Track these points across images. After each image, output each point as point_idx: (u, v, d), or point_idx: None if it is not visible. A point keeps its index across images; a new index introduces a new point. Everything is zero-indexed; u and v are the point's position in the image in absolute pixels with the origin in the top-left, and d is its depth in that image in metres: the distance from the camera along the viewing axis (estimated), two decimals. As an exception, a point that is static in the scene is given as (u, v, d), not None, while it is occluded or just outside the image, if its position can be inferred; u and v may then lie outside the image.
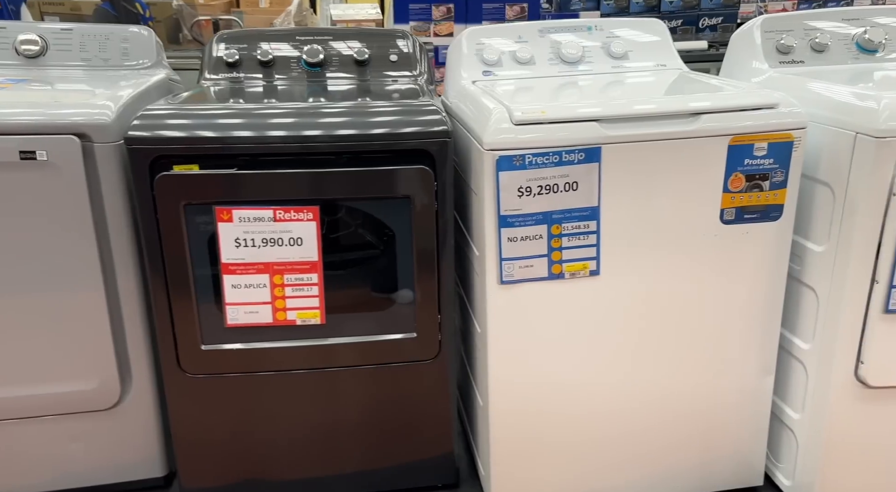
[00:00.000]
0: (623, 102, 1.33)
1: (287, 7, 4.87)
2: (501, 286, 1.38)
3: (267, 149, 1.32)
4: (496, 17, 3.90)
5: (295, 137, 1.32)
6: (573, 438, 1.51)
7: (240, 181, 1.35)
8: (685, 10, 4.47)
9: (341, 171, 1.37)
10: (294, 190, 1.37)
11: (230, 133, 1.31)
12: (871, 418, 1.40)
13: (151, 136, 1.31)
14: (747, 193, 1.36)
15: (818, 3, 4.57)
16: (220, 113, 1.36)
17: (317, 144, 1.33)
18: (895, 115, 1.21)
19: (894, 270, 1.27)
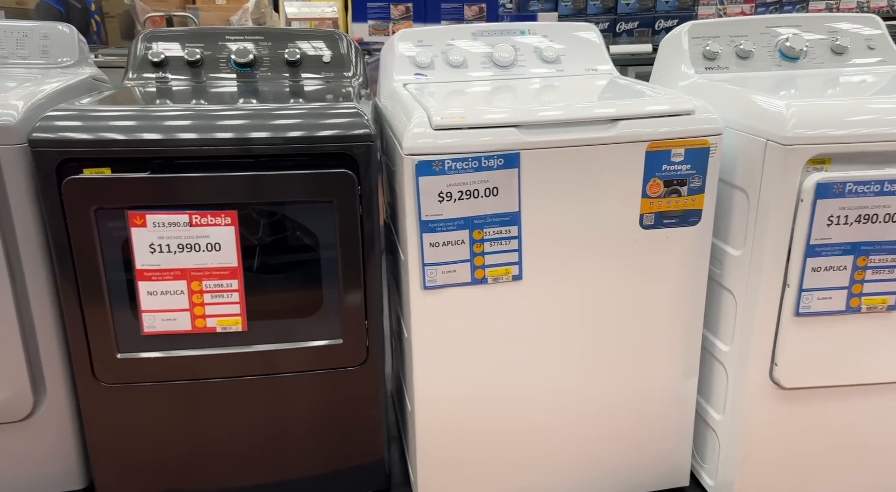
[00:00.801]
0: (542, 109, 1.33)
1: (244, 4, 4.78)
2: (425, 291, 1.37)
3: (177, 152, 1.29)
4: (455, 16, 3.90)
5: (206, 139, 1.29)
6: (500, 442, 1.51)
7: (153, 185, 1.32)
8: (641, 13, 4.53)
9: (259, 174, 1.34)
10: (211, 194, 1.34)
11: (138, 135, 1.27)
12: (787, 418, 1.44)
13: (56, 138, 1.26)
14: (665, 198, 1.38)
15: (775, 6, 4.70)
16: (129, 114, 1.32)
17: (228, 147, 1.30)
18: (802, 123, 1.24)
19: (803, 274, 1.30)
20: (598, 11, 4.63)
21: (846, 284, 1.31)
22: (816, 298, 1.32)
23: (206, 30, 1.87)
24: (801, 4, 4.62)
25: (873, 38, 1.75)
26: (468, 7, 3.94)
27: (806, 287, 1.31)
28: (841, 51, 1.73)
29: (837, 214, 1.26)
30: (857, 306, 1.33)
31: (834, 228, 1.27)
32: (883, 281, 1.31)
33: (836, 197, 1.25)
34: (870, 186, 1.24)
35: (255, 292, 1.43)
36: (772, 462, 1.48)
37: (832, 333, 1.35)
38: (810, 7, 4.62)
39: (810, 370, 1.38)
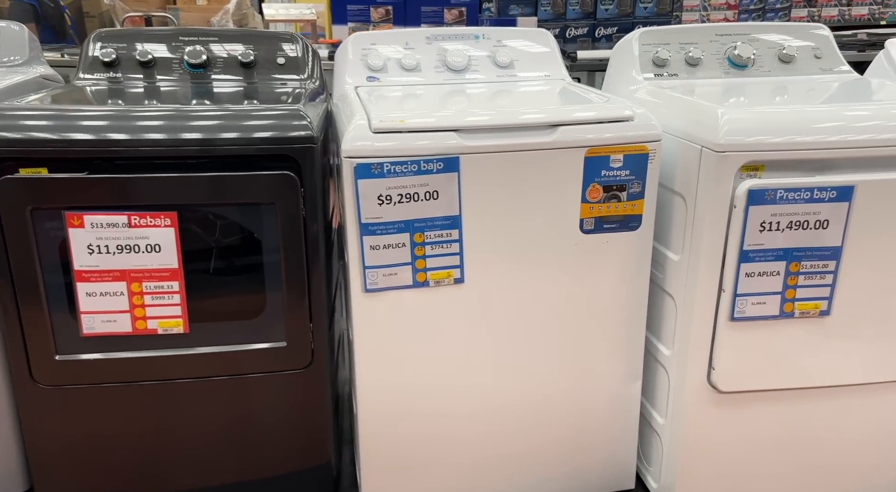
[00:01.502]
0: (482, 113, 1.34)
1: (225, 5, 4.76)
2: (366, 294, 1.37)
3: (112, 152, 1.28)
4: (435, 19, 3.92)
5: (138, 140, 1.28)
6: (445, 445, 1.52)
7: (91, 186, 1.31)
8: (620, 18, 4.57)
9: (199, 176, 1.34)
10: (150, 195, 1.33)
11: (72, 135, 1.27)
12: (725, 422, 1.46)
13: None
14: (605, 203, 1.39)
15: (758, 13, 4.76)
16: (64, 114, 1.31)
17: (161, 148, 1.29)
18: (735, 130, 1.26)
19: (738, 279, 1.32)
20: (577, 16, 4.67)
21: (780, 289, 1.33)
22: (751, 303, 1.34)
23: (160, 30, 1.86)
24: (784, 12, 4.69)
25: (820, 48, 1.78)
26: (448, 10, 3.96)
27: (740, 292, 1.33)
28: (788, 59, 1.76)
29: (769, 220, 1.28)
30: (790, 311, 1.35)
31: (766, 234, 1.29)
32: (815, 287, 1.33)
33: (767, 204, 1.27)
34: (800, 193, 1.26)
35: (198, 294, 1.42)
36: (712, 465, 1.50)
37: (767, 338, 1.37)
38: (792, 15, 4.69)
39: (747, 374, 1.40)
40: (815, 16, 4.63)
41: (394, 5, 3.84)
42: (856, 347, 1.39)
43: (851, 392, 1.44)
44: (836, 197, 1.27)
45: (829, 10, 4.62)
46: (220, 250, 1.45)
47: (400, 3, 3.84)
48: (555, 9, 4.61)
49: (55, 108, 1.37)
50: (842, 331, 1.37)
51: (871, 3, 4.54)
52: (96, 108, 1.40)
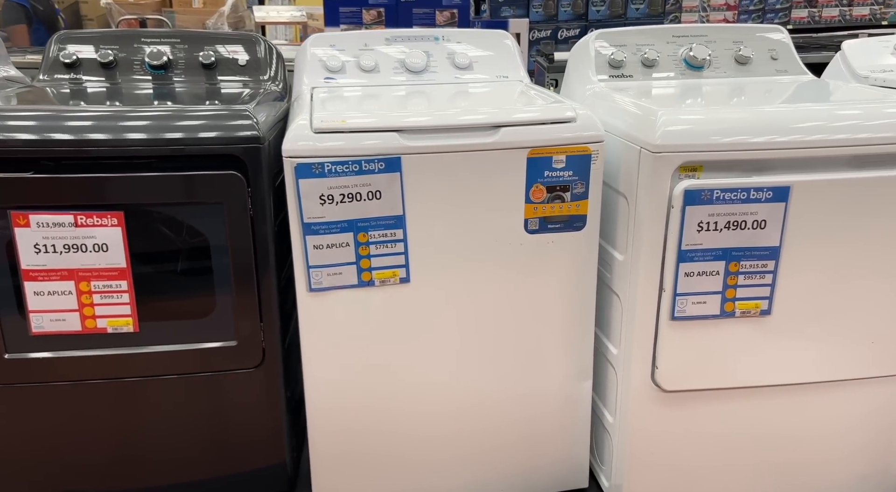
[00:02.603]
0: (424, 114, 1.35)
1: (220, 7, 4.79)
2: (312, 294, 1.39)
3: (57, 152, 1.29)
4: (426, 21, 3.94)
5: (84, 140, 1.30)
6: (395, 445, 1.53)
7: (37, 185, 1.32)
8: (612, 19, 4.59)
9: (144, 176, 1.35)
10: (96, 195, 1.35)
11: (17, 136, 1.28)
12: (670, 420, 1.46)
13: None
14: (549, 203, 1.40)
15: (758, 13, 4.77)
16: (10, 114, 1.33)
17: (106, 148, 1.31)
18: (671, 131, 1.27)
19: (677, 278, 1.33)
20: (569, 18, 4.70)
21: (720, 289, 1.34)
22: (691, 303, 1.35)
23: (122, 32, 1.88)
24: (784, 12, 4.69)
25: (776, 49, 1.79)
26: (440, 12, 3.98)
27: (680, 292, 1.34)
28: (744, 61, 1.77)
29: (707, 220, 1.29)
30: (731, 311, 1.36)
31: (704, 234, 1.30)
32: (755, 286, 1.34)
33: (704, 204, 1.28)
34: (737, 193, 1.27)
35: (148, 293, 1.44)
36: (658, 463, 1.51)
37: (709, 337, 1.38)
38: (793, 15, 4.69)
39: (690, 373, 1.41)
40: (816, 16, 4.63)
41: (385, 7, 3.86)
42: (798, 346, 1.40)
43: (794, 391, 1.45)
44: (772, 197, 1.28)
45: (830, 10, 4.62)
46: (170, 250, 1.46)
47: (392, 5, 3.86)
48: (547, 10, 4.63)
49: (5, 109, 1.38)
50: (783, 330, 1.38)
51: (872, 3, 4.55)
52: (41, 108, 1.41)
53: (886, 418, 1.51)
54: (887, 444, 1.53)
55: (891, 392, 1.48)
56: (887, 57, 1.76)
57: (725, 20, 4.73)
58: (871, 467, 1.55)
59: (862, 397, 1.48)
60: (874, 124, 1.28)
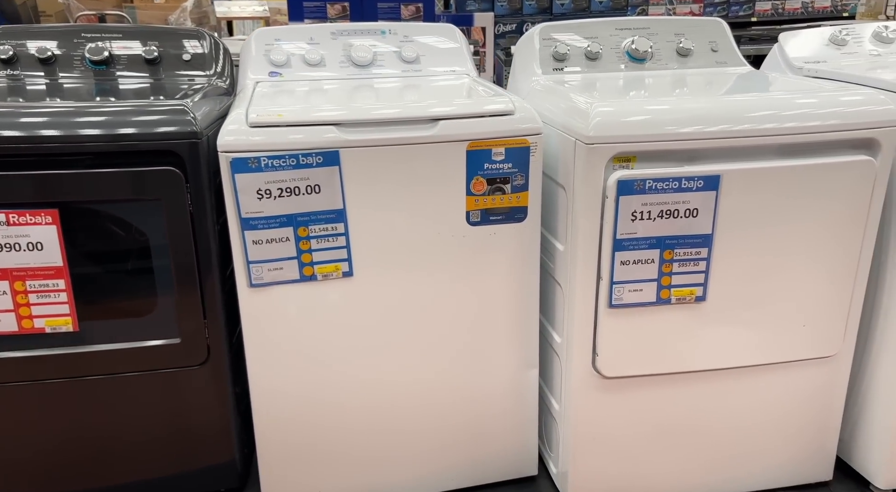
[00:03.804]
0: (362, 107, 1.35)
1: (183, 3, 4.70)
2: (252, 289, 1.38)
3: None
4: (392, 16, 3.91)
5: (12, 137, 1.28)
6: (343, 441, 1.53)
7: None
8: (576, 13, 4.62)
9: (79, 173, 1.33)
10: (30, 193, 1.33)
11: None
12: (611, 406, 1.49)
13: None
14: (490, 195, 1.42)
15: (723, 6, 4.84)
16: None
17: (35, 145, 1.29)
18: (603, 123, 1.29)
19: (613, 267, 1.36)
20: (533, 11, 4.72)
21: (655, 276, 1.37)
22: (628, 291, 1.37)
23: (62, 27, 1.84)
24: (748, 5, 4.76)
25: (717, 42, 1.83)
26: (405, 6, 3.96)
27: (617, 280, 1.37)
28: (685, 53, 1.80)
29: (640, 209, 1.32)
30: (667, 298, 1.39)
31: (638, 223, 1.33)
32: (689, 273, 1.38)
33: (637, 193, 1.31)
34: (668, 182, 1.30)
35: (87, 292, 1.42)
36: (602, 449, 1.54)
37: (647, 324, 1.41)
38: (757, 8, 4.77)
39: (629, 360, 1.44)
40: (780, 8, 4.71)
41: (350, 2, 3.84)
42: (732, 331, 1.43)
43: (731, 375, 1.49)
44: (703, 186, 1.31)
45: (793, 2, 4.71)
46: (109, 247, 1.45)
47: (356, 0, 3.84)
48: (511, 4, 4.65)
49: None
50: (718, 316, 1.42)
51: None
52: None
53: (820, 398, 1.56)
54: (822, 423, 1.59)
55: (824, 373, 1.53)
56: (822, 48, 1.81)
57: (692, 13, 4.79)
58: (807, 446, 1.60)
59: (796, 379, 1.52)
60: (798, 114, 1.32)
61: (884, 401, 1.52)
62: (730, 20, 4.67)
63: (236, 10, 5.47)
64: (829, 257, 1.41)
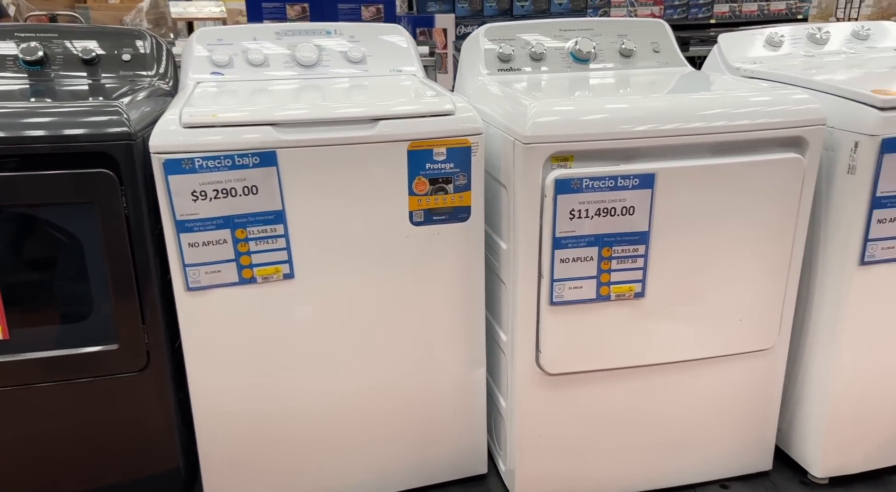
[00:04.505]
0: (300, 107, 1.34)
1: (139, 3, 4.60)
2: (190, 293, 1.36)
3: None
4: (352, 17, 3.89)
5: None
6: (286, 445, 1.52)
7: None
8: (536, 14, 4.66)
9: (8, 176, 1.29)
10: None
11: None
12: (556, 403, 1.51)
13: None
14: (433, 195, 1.42)
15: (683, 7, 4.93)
16: None
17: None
18: (540, 123, 1.31)
19: (553, 265, 1.37)
20: (494, 13, 4.75)
21: (594, 273, 1.39)
22: (568, 288, 1.39)
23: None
24: (707, 7, 4.87)
25: (659, 43, 1.86)
26: (365, 8, 3.95)
27: (557, 277, 1.38)
28: (628, 54, 1.84)
29: (578, 208, 1.34)
30: (606, 294, 1.41)
31: (576, 221, 1.34)
32: (628, 270, 1.40)
33: (574, 192, 1.32)
34: (605, 181, 1.32)
35: (19, 299, 1.38)
36: (548, 446, 1.55)
37: (588, 321, 1.43)
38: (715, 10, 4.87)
39: (571, 356, 1.46)
40: (737, 11, 4.84)
41: (310, 2, 3.81)
42: (672, 326, 1.46)
43: (671, 369, 1.52)
44: (639, 184, 1.34)
45: (750, 5, 4.84)
46: (43, 253, 1.40)
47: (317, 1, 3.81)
48: (472, 5, 4.67)
49: None
50: (657, 311, 1.44)
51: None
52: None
53: (759, 390, 1.60)
54: (762, 415, 1.63)
55: (761, 366, 1.57)
56: (759, 49, 1.86)
57: (653, 14, 4.89)
58: (747, 437, 1.64)
59: (735, 372, 1.56)
60: (729, 113, 1.35)
61: (818, 391, 1.57)
62: (689, 22, 4.79)
63: (192, 10, 5.37)
64: (763, 253, 1.45)
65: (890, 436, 1.62)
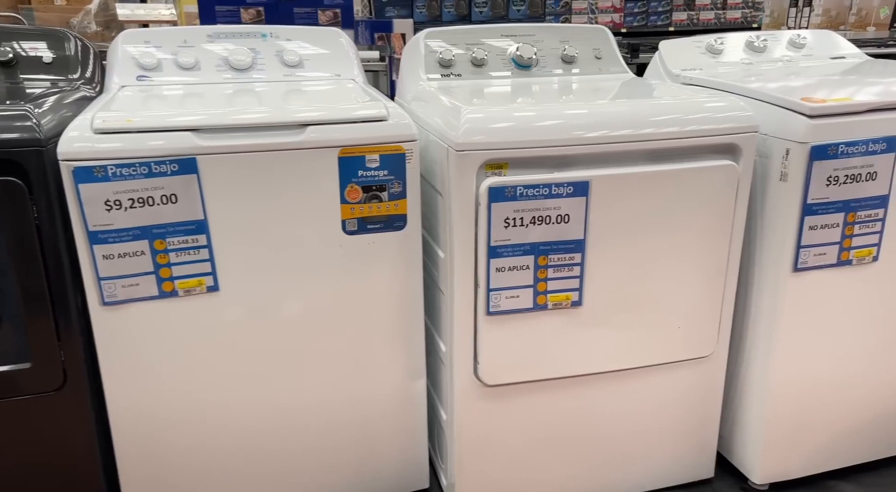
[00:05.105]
0: (223, 112, 1.28)
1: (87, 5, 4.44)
2: (106, 308, 1.29)
3: None
4: (308, 21, 3.81)
5: None
6: (215, 465, 1.45)
7: None
8: (494, 20, 4.66)
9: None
10: None
11: None
12: (495, 415, 1.48)
13: None
14: (366, 204, 1.37)
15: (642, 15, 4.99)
16: None
17: None
18: (473, 130, 1.28)
19: (489, 274, 1.34)
20: (452, 19, 4.74)
21: (531, 282, 1.36)
22: (504, 297, 1.36)
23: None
24: (665, 15, 4.94)
25: (600, 49, 1.86)
26: (322, 12, 3.88)
27: (493, 287, 1.35)
28: (570, 60, 1.82)
29: (513, 216, 1.31)
30: (543, 304, 1.39)
31: (511, 229, 1.32)
32: (564, 279, 1.38)
33: (508, 200, 1.30)
34: (539, 189, 1.30)
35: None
36: (488, 458, 1.52)
37: (526, 331, 1.40)
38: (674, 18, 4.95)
39: (510, 367, 1.43)
40: (695, 19, 4.93)
41: (265, 6, 3.72)
42: (610, 335, 1.45)
43: (610, 378, 1.50)
44: (573, 192, 1.32)
45: (707, 13, 4.94)
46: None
47: (272, 4, 3.73)
48: (430, 11, 4.65)
49: None
50: (595, 320, 1.43)
51: (743, 7, 4.90)
52: None
53: (699, 398, 1.60)
54: (703, 423, 1.63)
55: (701, 374, 1.57)
56: (698, 56, 1.87)
57: (612, 22, 4.95)
58: (689, 445, 1.64)
59: (675, 380, 1.55)
60: (662, 120, 1.35)
61: (757, 398, 1.58)
62: (648, 29, 4.88)
63: (141, 13, 5.22)
64: (700, 260, 1.45)
65: (828, 441, 1.64)
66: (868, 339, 1.57)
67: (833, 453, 1.67)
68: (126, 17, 5.24)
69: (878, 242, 1.47)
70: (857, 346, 1.57)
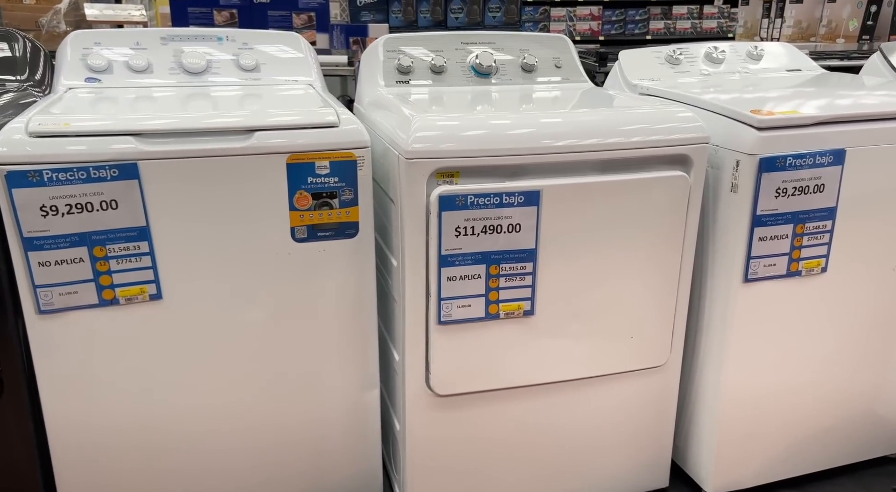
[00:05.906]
0: (166, 116, 1.25)
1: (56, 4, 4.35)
2: (42, 316, 1.24)
3: None
4: (283, 24, 3.79)
5: None
6: (156, 481, 1.41)
7: None
8: (470, 26, 4.67)
9: None
10: None
11: None
12: (448, 425, 1.46)
13: None
14: (317, 211, 1.35)
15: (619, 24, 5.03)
16: None
17: None
18: (423, 138, 1.27)
19: (440, 283, 1.33)
20: (428, 24, 4.74)
21: (482, 292, 1.35)
22: (456, 307, 1.35)
23: None
24: (643, 23, 5.00)
25: (560, 58, 1.86)
26: (297, 15, 3.85)
27: (444, 296, 1.34)
28: (530, 69, 1.82)
29: (464, 225, 1.30)
30: (495, 313, 1.38)
31: (463, 238, 1.31)
32: (516, 288, 1.37)
33: (459, 209, 1.28)
34: (490, 198, 1.29)
35: None
36: (440, 469, 1.50)
37: (477, 340, 1.39)
38: (651, 27, 5.02)
39: (462, 377, 1.41)
40: (672, 28, 5.01)
41: (239, 9, 3.69)
42: (562, 344, 1.44)
43: (564, 388, 1.50)
44: (524, 201, 1.31)
45: (683, 23, 5.02)
46: None
47: (246, 6, 3.69)
48: (406, 16, 4.64)
49: None
50: (547, 330, 1.42)
51: (719, 17, 5.00)
52: None
53: (653, 407, 1.60)
54: (657, 432, 1.63)
55: (654, 383, 1.57)
56: (657, 67, 1.89)
57: (590, 30, 4.99)
58: (644, 454, 1.64)
59: (629, 390, 1.55)
60: (612, 129, 1.35)
61: (710, 407, 1.58)
62: (626, 37, 4.93)
63: (109, 13, 5.13)
64: (652, 270, 1.45)
65: (780, 450, 1.65)
66: (817, 349, 1.59)
67: (785, 463, 1.68)
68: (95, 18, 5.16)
69: (827, 254, 1.49)
70: (807, 356, 1.59)
